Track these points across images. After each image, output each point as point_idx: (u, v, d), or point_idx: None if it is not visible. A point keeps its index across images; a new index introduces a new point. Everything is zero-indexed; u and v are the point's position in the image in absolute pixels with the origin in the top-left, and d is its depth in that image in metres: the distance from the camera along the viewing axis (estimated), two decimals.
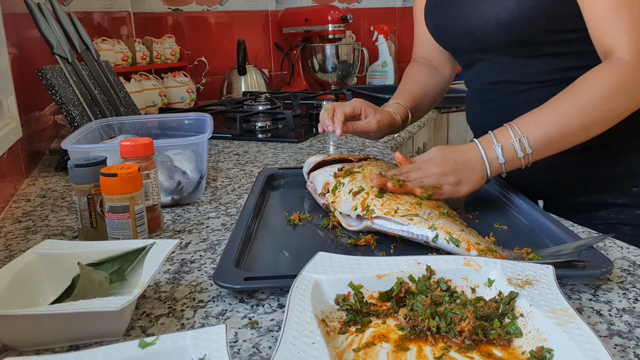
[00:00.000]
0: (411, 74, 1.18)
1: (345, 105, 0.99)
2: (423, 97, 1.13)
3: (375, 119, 1.00)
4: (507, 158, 0.80)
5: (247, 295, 0.61)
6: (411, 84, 1.14)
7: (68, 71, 1.27)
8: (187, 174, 0.95)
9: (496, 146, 0.80)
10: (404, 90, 1.13)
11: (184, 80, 2.07)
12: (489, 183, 0.84)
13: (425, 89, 1.14)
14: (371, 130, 0.99)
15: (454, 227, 0.69)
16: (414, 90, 1.12)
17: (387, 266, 0.59)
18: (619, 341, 0.51)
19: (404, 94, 1.12)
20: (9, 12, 1.21)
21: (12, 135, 1.05)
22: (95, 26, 2.04)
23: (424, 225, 0.70)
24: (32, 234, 0.84)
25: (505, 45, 0.90)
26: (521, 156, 0.79)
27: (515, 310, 0.52)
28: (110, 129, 1.15)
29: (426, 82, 1.15)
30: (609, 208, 0.94)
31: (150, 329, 0.55)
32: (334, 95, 2.04)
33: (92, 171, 0.76)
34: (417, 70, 1.18)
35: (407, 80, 1.17)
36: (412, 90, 1.12)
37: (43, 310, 0.51)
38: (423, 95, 1.13)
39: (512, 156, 0.80)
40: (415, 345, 0.50)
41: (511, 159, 0.80)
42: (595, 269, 0.61)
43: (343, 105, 0.99)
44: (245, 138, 1.52)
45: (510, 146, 0.80)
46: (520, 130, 0.79)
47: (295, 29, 2.41)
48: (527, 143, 0.79)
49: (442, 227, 0.69)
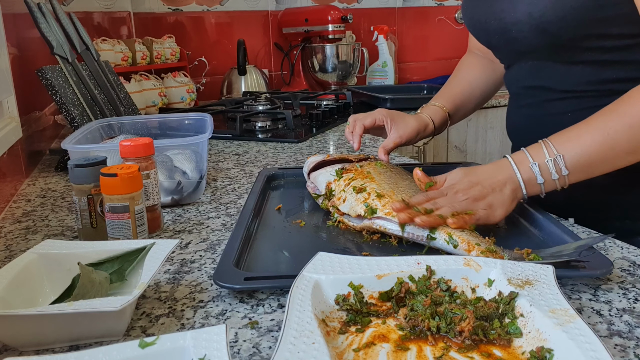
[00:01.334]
0: (461, 69, 1.11)
1: (366, 117, 0.97)
2: (468, 97, 1.06)
3: (397, 133, 0.96)
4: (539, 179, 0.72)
5: (247, 295, 0.61)
6: (458, 82, 1.08)
7: (68, 71, 1.27)
8: (187, 174, 0.95)
9: (533, 165, 0.72)
10: (448, 89, 1.07)
11: (184, 81, 2.07)
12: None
13: (472, 87, 1.07)
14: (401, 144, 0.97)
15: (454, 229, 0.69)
16: (458, 90, 1.06)
17: (387, 266, 0.59)
18: (619, 341, 0.51)
19: (448, 93, 1.06)
20: (9, 12, 1.21)
21: (12, 136, 1.05)
22: (95, 26, 2.04)
23: None
24: (32, 234, 0.84)
25: (539, 47, 0.82)
26: (555, 178, 0.72)
27: (515, 310, 0.52)
28: (111, 129, 1.14)
29: (476, 78, 1.07)
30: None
31: (151, 329, 0.55)
32: (334, 95, 2.04)
33: (92, 171, 0.76)
34: (469, 65, 1.10)
35: (455, 77, 1.10)
36: (457, 90, 1.06)
37: (43, 310, 0.51)
38: (468, 95, 1.06)
39: (546, 177, 0.72)
40: (415, 345, 0.50)
41: (545, 180, 0.73)
42: (595, 269, 0.61)
43: (364, 118, 0.96)
44: (246, 138, 1.52)
45: (544, 166, 0.72)
46: (556, 149, 0.72)
47: (295, 29, 2.41)
48: (563, 164, 0.71)
49: (442, 228, 0.69)
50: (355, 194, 0.78)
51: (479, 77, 1.08)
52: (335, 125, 1.66)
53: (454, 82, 1.09)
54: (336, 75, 2.39)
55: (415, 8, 2.83)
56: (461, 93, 1.06)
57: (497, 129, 2.32)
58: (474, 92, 1.07)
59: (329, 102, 1.89)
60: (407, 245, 0.72)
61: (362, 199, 0.77)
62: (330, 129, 1.61)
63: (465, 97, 1.06)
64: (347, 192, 0.80)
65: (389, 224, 0.73)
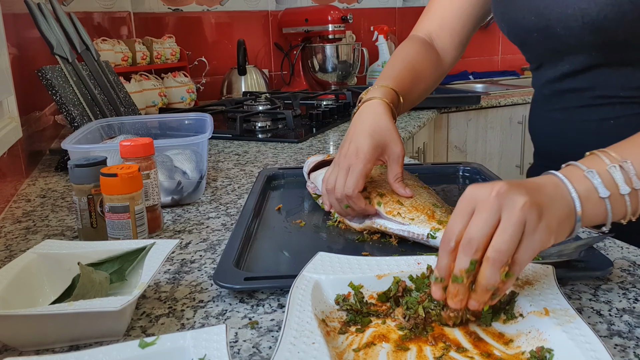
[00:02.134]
0: (405, 51, 0.93)
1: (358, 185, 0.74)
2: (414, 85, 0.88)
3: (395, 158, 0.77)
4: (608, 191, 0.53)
5: (247, 295, 0.61)
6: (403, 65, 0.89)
7: (68, 71, 1.27)
8: (187, 174, 0.95)
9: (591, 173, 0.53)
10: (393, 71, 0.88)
11: (184, 81, 2.07)
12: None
13: (418, 75, 0.89)
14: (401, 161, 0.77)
15: None
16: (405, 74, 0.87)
17: (387, 266, 0.59)
18: (619, 341, 0.51)
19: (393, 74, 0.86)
20: (9, 12, 1.21)
21: (12, 136, 1.05)
22: (95, 26, 2.04)
23: (425, 225, 0.70)
24: (32, 234, 0.84)
25: (588, 47, 0.74)
26: (626, 192, 0.52)
27: (515, 310, 0.52)
28: (111, 129, 1.15)
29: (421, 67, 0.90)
30: None
31: (151, 329, 0.55)
32: (334, 95, 2.04)
33: (92, 171, 0.76)
34: (415, 49, 0.93)
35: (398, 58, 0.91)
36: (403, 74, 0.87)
37: (43, 311, 0.51)
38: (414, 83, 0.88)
39: (613, 190, 0.53)
40: (415, 345, 0.50)
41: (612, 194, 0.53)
42: (595, 269, 0.61)
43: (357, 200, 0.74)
44: (246, 138, 1.52)
45: (605, 174, 0.53)
46: (620, 155, 0.54)
47: (295, 29, 2.41)
48: (634, 171, 0.53)
49: (444, 227, 0.69)
50: None
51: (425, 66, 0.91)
52: (335, 125, 1.66)
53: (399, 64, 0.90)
54: (336, 75, 2.39)
55: (415, 8, 2.83)
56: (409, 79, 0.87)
57: (497, 129, 2.32)
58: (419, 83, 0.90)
59: (329, 102, 1.89)
60: (407, 245, 0.72)
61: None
62: (330, 129, 1.61)
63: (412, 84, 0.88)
64: None
65: (390, 224, 0.73)
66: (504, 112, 2.31)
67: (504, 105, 2.30)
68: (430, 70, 0.92)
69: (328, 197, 0.77)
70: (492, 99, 2.30)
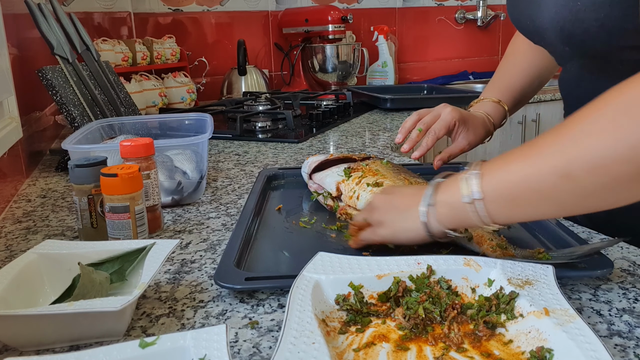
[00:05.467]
0: (514, 53, 0.95)
1: (440, 126, 0.85)
2: (526, 89, 0.92)
3: (466, 140, 0.87)
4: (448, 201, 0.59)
5: (247, 295, 0.61)
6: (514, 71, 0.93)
7: (68, 71, 1.27)
8: (187, 174, 0.95)
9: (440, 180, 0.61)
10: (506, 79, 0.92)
11: (184, 81, 2.07)
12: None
13: (530, 76, 0.92)
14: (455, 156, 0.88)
15: None
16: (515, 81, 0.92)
17: (387, 266, 0.59)
18: (619, 341, 0.51)
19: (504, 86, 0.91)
20: (10, 12, 1.21)
21: (12, 136, 1.05)
22: (95, 26, 2.05)
23: None
24: (33, 234, 0.84)
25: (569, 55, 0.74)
26: (466, 201, 0.57)
27: (515, 310, 0.52)
28: (111, 129, 1.15)
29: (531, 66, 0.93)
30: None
31: (151, 329, 0.56)
32: (334, 96, 2.04)
33: (92, 171, 0.76)
34: (523, 50, 0.94)
35: (509, 63, 0.95)
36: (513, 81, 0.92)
37: (43, 311, 0.51)
38: (526, 86, 0.92)
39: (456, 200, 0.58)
40: (415, 345, 0.50)
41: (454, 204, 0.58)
42: (595, 269, 0.61)
43: (437, 126, 0.85)
44: (246, 138, 1.52)
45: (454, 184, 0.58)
46: (480, 169, 0.57)
47: (295, 29, 2.41)
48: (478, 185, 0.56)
49: None
50: (370, 188, 0.79)
51: (534, 64, 0.94)
52: (336, 126, 1.66)
53: (509, 69, 0.95)
54: (336, 75, 2.39)
55: (415, 8, 2.83)
56: (521, 85, 0.92)
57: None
58: (533, 82, 0.93)
59: (329, 103, 1.89)
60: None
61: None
62: (330, 129, 1.61)
63: (524, 89, 0.92)
64: (360, 189, 0.80)
65: None
66: None
67: None
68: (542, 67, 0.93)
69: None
70: None
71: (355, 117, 1.79)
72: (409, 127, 0.89)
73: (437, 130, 0.86)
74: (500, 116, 0.91)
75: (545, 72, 0.94)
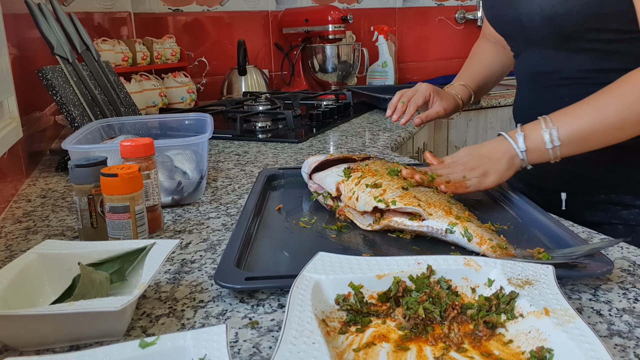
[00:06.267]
0: (477, 52, 1.23)
1: (418, 96, 1.10)
2: (487, 78, 1.18)
3: (441, 106, 1.09)
4: (534, 147, 0.81)
5: (247, 295, 0.61)
6: (477, 65, 1.20)
7: (68, 71, 1.27)
8: (187, 174, 0.95)
9: (519, 135, 0.82)
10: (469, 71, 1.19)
11: (184, 81, 2.07)
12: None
13: (490, 69, 1.19)
14: (438, 118, 1.10)
15: (471, 224, 0.70)
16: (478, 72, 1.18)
17: (387, 266, 0.59)
18: (619, 341, 0.51)
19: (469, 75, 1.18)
20: (10, 12, 1.21)
21: (12, 136, 1.05)
22: (95, 26, 2.05)
23: (443, 220, 0.71)
24: (33, 234, 0.84)
25: (548, 36, 0.90)
26: (549, 147, 0.80)
27: (515, 310, 0.52)
28: (111, 129, 1.15)
29: (491, 62, 1.19)
30: (630, 209, 0.93)
31: (151, 329, 0.56)
32: (334, 96, 2.04)
33: (92, 171, 0.76)
34: (484, 49, 1.21)
35: (473, 59, 1.22)
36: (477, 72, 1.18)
37: (43, 311, 0.51)
38: (487, 77, 1.18)
39: (541, 147, 0.81)
40: (415, 345, 0.50)
41: (539, 150, 0.81)
42: (595, 269, 0.61)
43: (416, 97, 1.10)
44: (246, 138, 1.52)
45: (539, 137, 0.80)
46: (552, 122, 0.80)
47: (295, 29, 2.41)
48: (557, 135, 0.79)
49: (460, 222, 0.70)
50: (369, 189, 0.79)
51: (495, 60, 1.19)
52: (336, 126, 1.66)
53: (474, 65, 1.21)
54: (336, 75, 2.39)
55: (415, 8, 2.83)
56: (482, 74, 1.18)
57: (497, 128, 2.32)
58: (492, 74, 1.19)
59: (329, 103, 1.89)
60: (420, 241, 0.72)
61: (378, 194, 0.77)
62: (330, 129, 1.61)
63: (485, 78, 1.18)
64: (359, 190, 0.80)
65: (408, 221, 0.74)
66: (503, 112, 2.31)
67: (504, 105, 2.30)
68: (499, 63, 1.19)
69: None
70: (492, 99, 2.30)
71: (355, 117, 1.79)
72: (395, 103, 1.13)
73: (416, 100, 1.11)
74: (467, 95, 1.16)
75: (501, 66, 1.20)
